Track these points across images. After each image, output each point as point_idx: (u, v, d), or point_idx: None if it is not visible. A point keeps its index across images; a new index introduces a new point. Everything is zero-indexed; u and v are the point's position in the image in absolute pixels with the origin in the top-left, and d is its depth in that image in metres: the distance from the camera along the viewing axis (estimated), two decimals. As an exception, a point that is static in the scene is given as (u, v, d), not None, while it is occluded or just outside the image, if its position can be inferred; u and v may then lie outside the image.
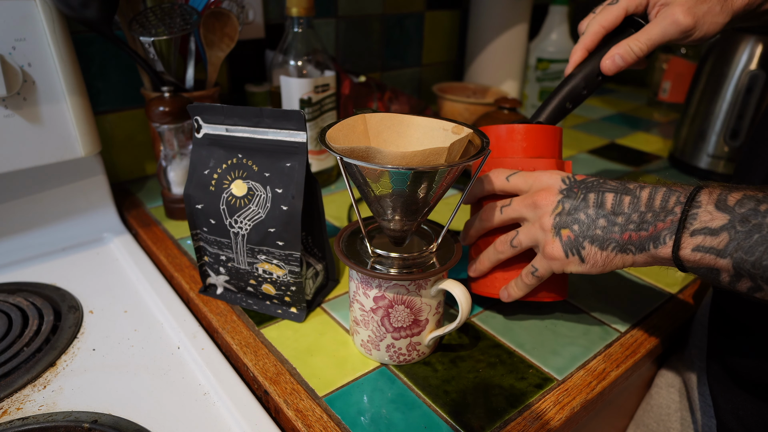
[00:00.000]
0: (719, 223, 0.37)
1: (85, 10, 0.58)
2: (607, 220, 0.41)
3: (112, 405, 0.45)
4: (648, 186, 0.41)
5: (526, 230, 0.46)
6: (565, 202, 0.44)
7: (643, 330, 0.54)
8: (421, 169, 0.38)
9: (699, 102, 0.89)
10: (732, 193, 0.37)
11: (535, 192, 0.46)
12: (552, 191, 0.45)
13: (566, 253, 0.44)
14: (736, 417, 0.49)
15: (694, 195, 0.38)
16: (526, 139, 0.51)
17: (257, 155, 0.50)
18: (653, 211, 0.40)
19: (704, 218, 0.37)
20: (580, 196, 0.43)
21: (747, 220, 0.35)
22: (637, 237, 0.40)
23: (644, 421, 0.60)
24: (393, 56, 1.11)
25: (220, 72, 0.86)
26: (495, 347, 0.51)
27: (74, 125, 0.62)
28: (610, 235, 0.42)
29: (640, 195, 0.41)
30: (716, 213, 0.37)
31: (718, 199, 0.37)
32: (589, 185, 0.44)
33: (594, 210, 0.42)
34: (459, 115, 0.97)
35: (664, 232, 0.39)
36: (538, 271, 0.47)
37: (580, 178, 0.45)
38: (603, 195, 0.42)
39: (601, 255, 0.42)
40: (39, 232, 0.66)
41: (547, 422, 0.43)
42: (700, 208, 0.38)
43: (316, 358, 0.49)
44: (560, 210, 0.44)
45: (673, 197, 0.39)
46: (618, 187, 0.42)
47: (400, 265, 0.45)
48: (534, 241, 0.46)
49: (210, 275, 0.57)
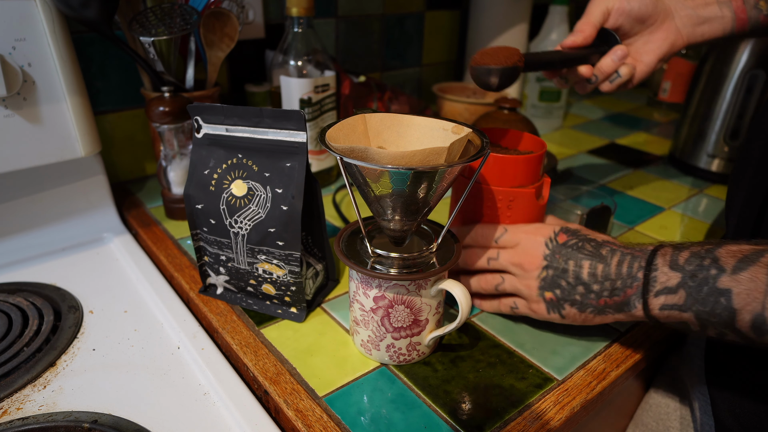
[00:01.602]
0: (675, 282, 0.42)
1: (85, 10, 0.58)
2: (585, 287, 0.46)
3: (112, 405, 0.45)
4: (617, 251, 0.46)
5: (512, 283, 0.50)
6: (548, 269, 0.48)
7: (643, 330, 0.54)
8: (421, 169, 0.38)
9: (699, 102, 0.89)
10: (681, 252, 0.42)
11: (522, 254, 0.50)
12: (537, 257, 0.49)
13: (548, 311, 0.49)
14: (734, 416, 0.49)
15: (651, 259, 0.43)
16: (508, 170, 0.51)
17: (257, 155, 0.50)
18: (622, 278, 0.45)
19: (662, 279, 0.42)
20: (561, 263, 0.47)
21: (695, 275, 0.41)
22: (612, 302, 0.45)
23: (643, 420, 0.60)
24: (393, 56, 1.11)
25: (220, 72, 0.86)
26: (495, 347, 0.51)
27: (74, 125, 0.62)
28: (587, 300, 0.47)
29: (611, 262, 0.46)
30: (671, 273, 0.42)
31: (671, 260, 0.42)
32: (569, 250, 0.48)
33: (573, 279, 0.47)
34: (459, 115, 0.97)
35: (633, 297, 0.44)
36: (518, 309, 0.52)
37: (561, 240, 0.48)
38: (581, 263, 0.47)
39: (579, 315, 0.48)
40: (39, 232, 0.66)
41: (547, 422, 0.43)
42: (657, 270, 0.43)
43: (316, 358, 0.49)
44: (544, 276, 0.48)
45: (636, 263, 0.44)
46: (593, 253, 0.47)
47: (400, 265, 0.45)
48: (519, 292, 0.50)
49: (210, 275, 0.57)
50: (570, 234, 0.49)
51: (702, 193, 0.85)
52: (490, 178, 0.52)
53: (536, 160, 0.51)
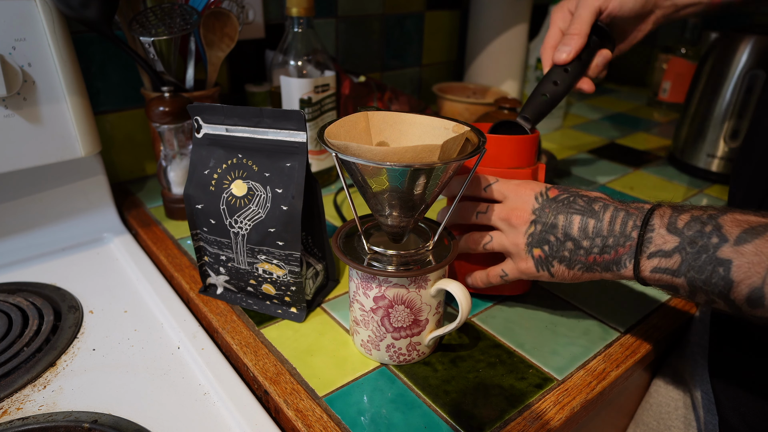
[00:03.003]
0: (671, 246, 0.40)
1: (85, 10, 0.58)
2: (574, 243, 0.45)
3: (112, 405, 0.45)
4: (610, 207, 0.44)
5: (500, 240, 0.49)
6: (537, 224, 0.46)
7: (643, 330, 0.54)
8: (418, 166, 0.38)
9: (699, 102, 0.89)
10: (681, 215, 0.41)
11: (510, 209, 0.48)
12: (525, 210, 0.47)
13: (537, 269, 0.47)
14: (739, 414, 0.49)
15: (647, 219, 0.42)
16: (503, 150, 0.51)
17: (257, 155, 0.50)
18: (614, 236, 0.43)
19: (658, 241, 0.41)
20: (550, 217, 0.46)
21: (694, 242, 0.39)
22: (601, 259, 0.44)
23: (644, 419, 0.60)
24: (393, 56, 1.11)
25: (220, 72, 0.86)
26: (495, 347, 0.51)
27: (74, 125, 0.62)
28: (576, 257, 0.45)
29: (603, 218, 0.44)
30: (668, 236, 0.40)
31: (669, 222, 0.41)
32: (559, 205, 0.46)
33: (562, 234, 0.45)
34: (459, 115, 0.97)
35: (625, 257, 0.43)
36: (507, 276, 0.50)
37: (552, 195, 0.47)
38: (570, 218, 0.45)
39: (568, 272, 0.46)
40: (39, 232, 0.66)
41: (547, 422, 0.43)
42: (654, 231, 0.41)
43: (316, 358, 0.49)
44: (532, 230, 0.47)
45: (630, 221, 0.43)
46: (585, 208, 0.45)
47: (398, 262, 0.45)
48: (506, 250, 0.49)
49: (210, 275, 0.57)
50: (561, 189, 0.47)
51: (702, 192, 0.85)
52: (486, 159, 0.51)
53: (530, 141, 0.52)
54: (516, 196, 0.48)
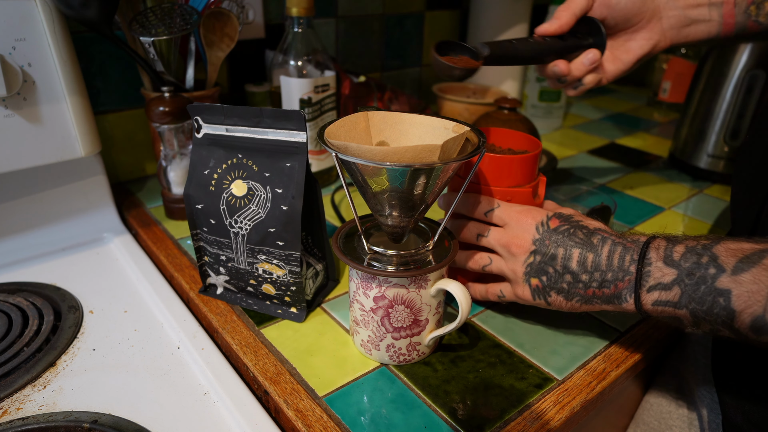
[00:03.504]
0: (670, 278, 0.41)
1: (85, 10, 0.58)
2: (573, 276, 0.45)
3: (112, 405, 0.45)
4: (608, 240, 0.45)
5: (499, 265, 0.50)
6: (536, 254, 0.47)
7: (643, 330, 0.54)
8: (418, 166, 0.38)
9: (699, 102, 0.89)
10: (675, 246, 0.41)
11: (511, 236, 0.48)
12: (526, 240, 0.47)
13: (534, 297, 0.48)
14: (743, 412, 0.49)
15: (644, 253, 0.42)
16: (503, 170, 0.51)
17: (257, 155, 0.50)
18: (612, 270, 0.44)
19: (656, 275, 0.41)
20: (550, 249, 0.46)
21: (692, 273, 0.40)
22: (601, 293, 0.45)
23: (644, 419, 0.60)
24: (393, 56, 1.11)
25: (220, 72, 0.86)
26: (495, 347, 0.51)
27: (74, 125, 0.62)
28: (575, 289, 0.46)
29: (601, 252, 0.44)
30: (666, 269, 0.41)
31: (665, 255, 0.41)
32: (560, 236, 0.46)
33: (561, 266, 0.46)
34: (459, 115, 0.97)
35: (625, 291, 0.43)
36: (504, 297, 0.51)
37: (553, 225, 0.47)
38: (570, 251, 0.45)
39: (566, 303, 0.47)
40: (39, 232, 0.66)
41: (547, 422, 0.43)
42: (651, 265, 0.42)
43: (316, 358, 0.49)
44: (531, 260, 0.47)
45: (628, 255, 0.43)
46: (584, 241, 0.45)
47: (398, 262, 0.45)
48: (504, 275, 0.50)
49: (210, 275, 0.57)
50: (562, 219, 0.47)
51: (702, 193, 0.85)
52: (486, 178, 0.52)
53: (532, 160, 0.51)
54: (517, 224, 0.48)
